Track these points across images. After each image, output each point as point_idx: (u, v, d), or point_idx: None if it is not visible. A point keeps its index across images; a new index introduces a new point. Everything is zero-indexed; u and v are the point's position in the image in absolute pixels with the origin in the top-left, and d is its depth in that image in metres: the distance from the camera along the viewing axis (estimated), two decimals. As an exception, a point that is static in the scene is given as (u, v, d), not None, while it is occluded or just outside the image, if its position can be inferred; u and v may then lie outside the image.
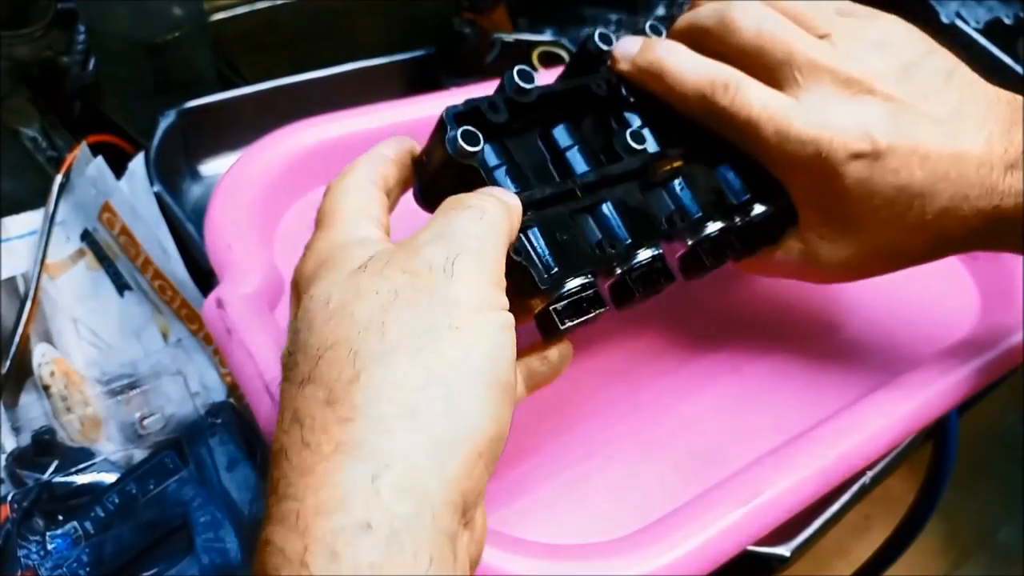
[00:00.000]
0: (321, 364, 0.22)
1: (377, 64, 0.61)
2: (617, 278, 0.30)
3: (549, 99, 0.31)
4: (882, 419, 0.35)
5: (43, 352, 0.46)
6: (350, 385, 0.22)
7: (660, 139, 0.33)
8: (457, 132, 0.27)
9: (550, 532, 0.31)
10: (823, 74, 0.31)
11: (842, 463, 0.34)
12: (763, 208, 0.33)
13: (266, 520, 0.21)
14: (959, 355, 0.39)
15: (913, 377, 0.37)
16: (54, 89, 0.58)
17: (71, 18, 0.61)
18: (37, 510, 0.40)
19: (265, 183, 0.40)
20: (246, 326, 0.32)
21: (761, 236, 0.34)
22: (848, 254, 0.32)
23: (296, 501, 0.20)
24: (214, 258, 0.36)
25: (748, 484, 0.32)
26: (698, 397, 0.38)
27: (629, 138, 0.31)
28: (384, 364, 0.22)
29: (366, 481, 0.20)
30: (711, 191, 0.33)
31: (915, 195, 0.30)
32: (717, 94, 0.31)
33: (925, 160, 0.30)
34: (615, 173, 0.31)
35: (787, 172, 0.32)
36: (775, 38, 0.31)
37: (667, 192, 0.32)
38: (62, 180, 0.50)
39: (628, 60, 0.33)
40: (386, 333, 0.22)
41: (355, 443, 0.21)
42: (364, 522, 0.20)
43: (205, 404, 0.44)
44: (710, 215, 0.32)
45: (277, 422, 0.23)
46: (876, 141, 0.30)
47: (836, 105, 0.31)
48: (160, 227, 0.47)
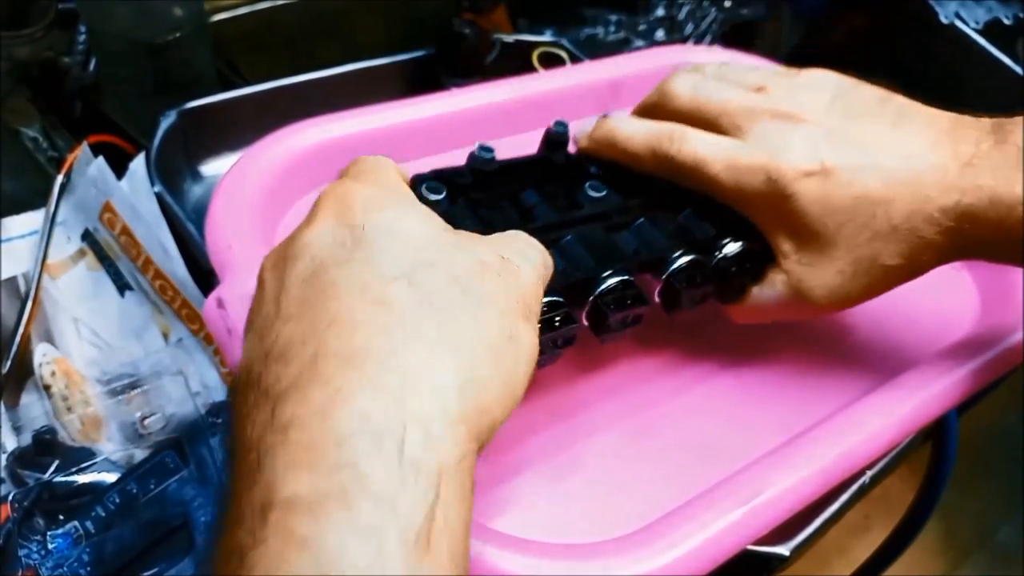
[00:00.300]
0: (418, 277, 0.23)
1: (377, 64, 0.61)
2: (590, 305, 0.32)
3: (513, 169, 0.34)
4: (882, 419, 0.35)
5: (44, 352, 0.46)
6: (419, 307, 0.22)
7: (622, 195, 0.35)
8: (423, 186, 0.31)
9: (548, 531, 0.31)
10: (761, 114, 0.33)
11: (842, 462, 0.34)
12: (736, 244, 0.34)
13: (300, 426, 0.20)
14: (959, 355, 0.39)
15: (913, 377, 0.37)
16: (55, 89, 0.59)
17: (72, 18, 0.62)
18: (38, 510, 0.40)
19: (266, 183, 0.40)
20: None
21: (740, 273, 0.35)
22: (831, 276, 0.33)
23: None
24: (215, 258, 0.36)
25: (748, 483, 0.32)
26: (698, 396, 0.38)
27: (588, 189, 0.33)
28: (457, 309, 0.23)
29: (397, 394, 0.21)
30: (677, 229, 0.34)
31: (875, 203, 0.31)
32: (663, 145, 0.33)
33: (876, 169, 0.31)
34: (578, 217, 0.33)
35: (748, 206, 0.33)
36: (710, 96, 0.34)
37: (631, 232, 0.34)
38: (63, 180, 0.50)
39: (585, 137, 0.36)
40: (468, 289, 0.23)
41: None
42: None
43: (206, 404, 0.44)
44: (677, 249, 0.33)
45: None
46: (822, 159, 0.31)
47: (778, 136, 0.32)
48: (161, 227, 0.47)
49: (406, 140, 0.45)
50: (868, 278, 0.33)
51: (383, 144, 0.45)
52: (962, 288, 0.45)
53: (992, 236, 0.31)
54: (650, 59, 0.54)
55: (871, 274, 0.33)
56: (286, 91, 0.57)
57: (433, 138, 0.46)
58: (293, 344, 0.22)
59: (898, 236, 0.31)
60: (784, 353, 0.39)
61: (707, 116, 0.34)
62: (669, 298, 0.34)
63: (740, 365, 0.39)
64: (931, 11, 0.67)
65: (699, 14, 0.78)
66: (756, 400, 0.38)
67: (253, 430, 0.21)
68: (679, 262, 0.33)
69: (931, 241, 0.31)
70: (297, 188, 0.42)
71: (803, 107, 0.33)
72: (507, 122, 0.49)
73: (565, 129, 0.35)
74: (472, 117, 0.47)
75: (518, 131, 0.49)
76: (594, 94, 0.52)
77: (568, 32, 0.73)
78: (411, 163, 0.46)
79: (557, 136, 0.35)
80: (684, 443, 0.36)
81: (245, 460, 0.21)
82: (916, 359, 0.39)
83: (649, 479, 0.34)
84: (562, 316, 0.30)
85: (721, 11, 0.78)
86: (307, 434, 0.20)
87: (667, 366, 0.39)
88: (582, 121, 0.37)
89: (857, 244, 0.32)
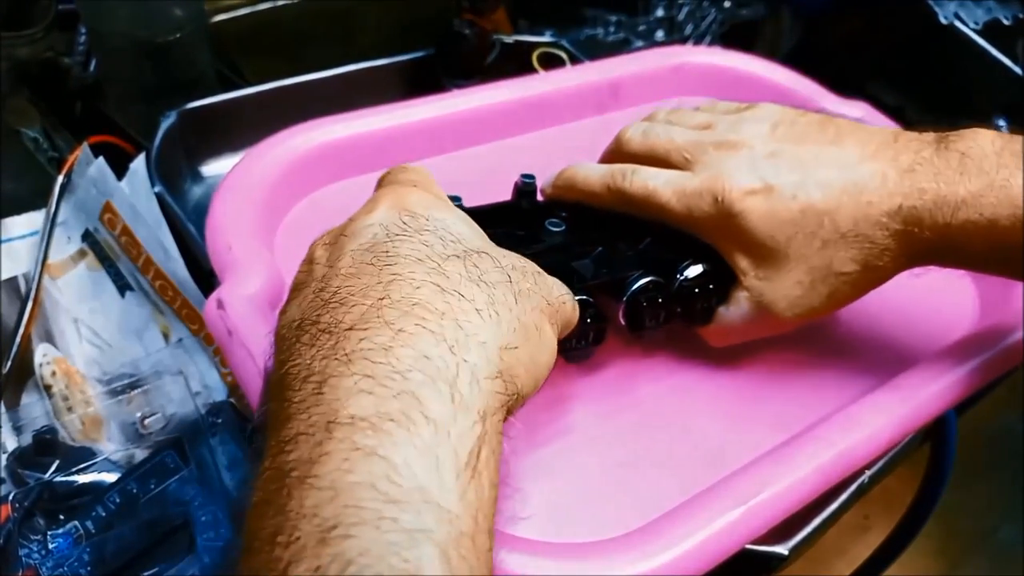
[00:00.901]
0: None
1: (377, 65, 0.61)
2: None
3: (482, 215, 0.35)
4: (881, 418, 0.35)
5: (44, 352, 0.46)
6: (471, 282, 0.25)
7: (585, 230, 0.37)
8: None
9: (548, 530, 0.31)
10: (706, 147, 0.35)
11: (841, 461, 0.34)
12: (697, 267, 0.36)
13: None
14: (958, 354, 0.39)
15: (912, 376, 0.37)
16: (55, 90, 0.59)
17: (72, 19, 0.62)
18: (38, 509, 0.40)
19: (266, 185, 0.40)
20: (247, 327, 0.32)
21: (704, 295, 0.36)
22: (791, 287, 0.34)
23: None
24: (215, 259, 0.36)
25: (747, 483, 0.32)
26: (697, 396, 0.38)
27: (549, 225, 0.36)
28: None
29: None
30: (635, 255, 0.36)
31: (820, 213, 0.33)
32: (617, 180, 0.36)
33: (817, 182, 0.33)
34: (540, 249, 0.35)
35: (701, 230, 0.35)
36: (658, 136, 0.37)
37: (591, 260, 0.35)
38: (63, 181, 0.50)
39: (549, 185, 0.38)
40: (511, 280, 0.27)
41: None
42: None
43: (206, 404, 0.44)
44: (635, 272, 0.35)
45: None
46: (764, 178, 0.33)
47: (722, 162, 0.34)
48: (161, 227, 0.47)
49: (406, 142, 0.45)
50: (827, 287, 0.34)
51: (383, 147, 0.45)
52: (961, 288, 0.45)
53: (940, 240, 0.32)
54: (650, 60, 0.55)
55: (829, 282, 0.34)
56: (286, 91, 0.57)
57: (433, 140, 0.46)
58: (354, 294, 0.24)
59: (848, 243, 0.33)
60: (783, 353, 0.40)
61: (658, 155, 0.36)
62: (633, 318, 0.36)
63: (739, 365, 0.39)
64: (930, 12, 0.67)
65: (699, 15, 0.78)
66: (755, 399, 0.38)
67: (314, 361, 0.23)
68: (639, 283, 0.35)
69: (883, 246, 0.33)
70: (297, 191, 0.42)
71: (745, 136, 0.35)
72: (507, 124, 0.49)
73: (533, 180, 0.38)
74: (472, 119, 0.47)
75: (517, 133, 0.50)
76: (595, 95, 0.52)
77: (568, 33, 0.73)
78: (414, 164, 0.46)
79: (525, 187, 0.37)
80: (683, 443, 0.36)
81: (303, 387, 0.23)
82: (915, 359, 0.39)
83: (648, 478, 0.34)
84: None
85: (721, 12, 0.78)
86: (371, 366, 0.22)
87: (665, 366, 0.39)
88: (548, 175, 0.39)
89: (809, 254, 0.33)
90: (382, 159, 0.44)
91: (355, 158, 0.44)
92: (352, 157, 0.44)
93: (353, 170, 0.44)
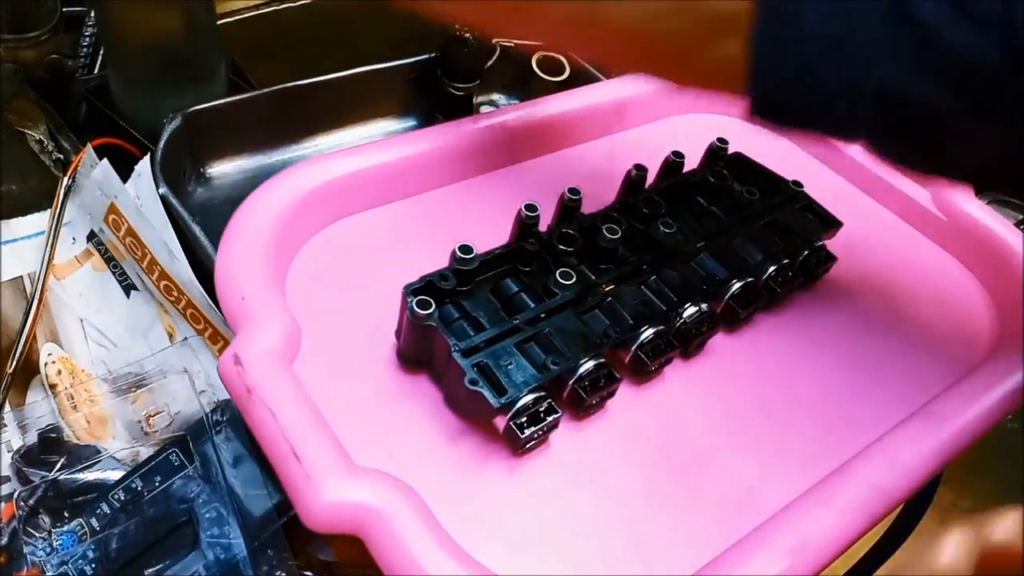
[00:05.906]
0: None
1: (379, 69, 0.62)
2: (569, 389, 0.35)
3: (491, 261, 0.38)
4: (915, 454, 0.36)
5: (50, 351, 0.46)
6: None
7: (592, 271, 0.39)
8: (413, 301, 0.34)
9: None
10: None
11: (885, 501, 0.34)
12: (693, 308, 0.39)
13: None
14: (987, 379, 0.39)
15: (945, 405, 0.38)
16: (60, 92, 0.59)
17: (77, 22, 0.62)
18: (43, 507, 0.40)
19: (274, 227, 0.39)
20: (267, 384, 0.31)
21: (697, 335, 0.39)
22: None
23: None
24: (227, 310, 0.35)
25: (788, 529, 0.32)
26: (726, 436, 0.38)
27: (559, 277, 0.38)
28: None
29: None
30: (640, 303, 0.39)
31: None
32: None
33: None
34: (553, 306, 0.37)
35: None
36: None
37: (601, 312, 0.38)
38: (68, 182, 0.51)
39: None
40: None
41: None
42: None
43: (211, 402, 0.44)
44: (642, 324, 0.37)
45: None
46: None
47: None
48: (166, 229, 0.47)
49: (411, 174, 0.45)
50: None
51: (390, 180, 0.44)
52: (981, 312, 0.46)
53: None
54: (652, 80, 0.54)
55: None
56: (290, 94, 0.57)
57: (444, 170, 0.46)
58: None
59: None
60: (809, 386, 0.40)
61: None
62: (637, 367, 0.38)
63: (765, 396, 0.40)
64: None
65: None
66: (784, 432, 0.38)
67: None
68: (644, 336, 0.37)
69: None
70: (304, 230, 0.41)
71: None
72: (514, 150, 0.49)
73: (536, 214, 0.39)
74: (479, 147, 0.47)
75: (526, 158, 0.49)
76: (602, 117, 0.52)
77: (568, 36, 0.73)
78: (420, 196, 0.46)
79: (527, 221, 0.39)
80: (716, 487, 0.35)
81: None
82: (939, 376, 0.40)
83: (688, 528, 0.34)
84: (546, 407, 0.34)
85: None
86: None
87: (692, 408, 0.39)
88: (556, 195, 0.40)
89: None
90: (389, 192, 0.44)
91: (361, 193, 0.43)
92: (357, 192, 0.43)
93: (360, 205, 0.43)
